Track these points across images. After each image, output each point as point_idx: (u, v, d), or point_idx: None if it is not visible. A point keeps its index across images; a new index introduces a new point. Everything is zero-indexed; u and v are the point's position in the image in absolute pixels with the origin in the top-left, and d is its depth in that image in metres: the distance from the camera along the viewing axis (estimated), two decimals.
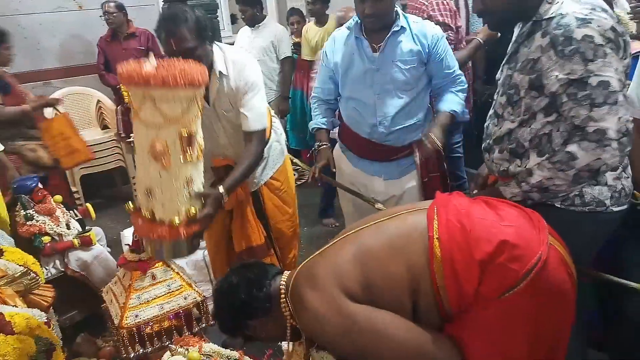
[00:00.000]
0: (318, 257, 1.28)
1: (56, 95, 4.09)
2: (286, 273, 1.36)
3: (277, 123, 2.19)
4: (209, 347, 1.50)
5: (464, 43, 2.69)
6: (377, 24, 1.90)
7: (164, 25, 1.69)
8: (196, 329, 1.84)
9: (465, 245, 1.15)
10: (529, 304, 1.12)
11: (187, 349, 1.40)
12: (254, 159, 1.84)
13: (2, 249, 1.92)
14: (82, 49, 4.26)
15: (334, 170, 2.09)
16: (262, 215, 2.12)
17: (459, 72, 2.03)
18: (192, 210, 1.44)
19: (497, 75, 1.55)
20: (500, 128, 1.48)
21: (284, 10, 5.14)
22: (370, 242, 1.23)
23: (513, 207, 1.27)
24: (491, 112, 1.56)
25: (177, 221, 1.40)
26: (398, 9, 1.93)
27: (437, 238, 1.17)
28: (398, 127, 1.99)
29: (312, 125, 2.17)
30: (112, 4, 3.85)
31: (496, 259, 1.12)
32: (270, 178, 2.11)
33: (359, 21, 1.96)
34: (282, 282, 1.31)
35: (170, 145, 1.35)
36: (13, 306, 1.59)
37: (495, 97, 1.54)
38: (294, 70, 3.97)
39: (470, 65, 2.90)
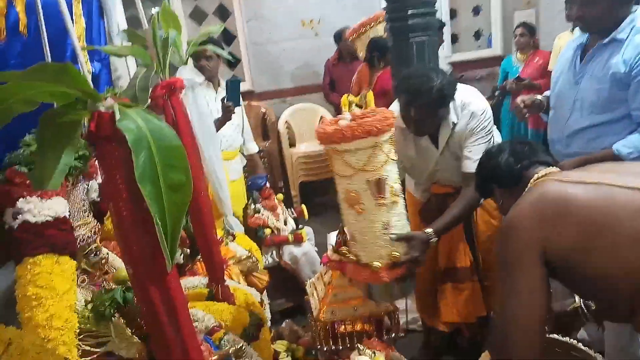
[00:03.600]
0: (564, 185, 1.15)
1: (288, 110, 4.73)
2: (549, 169, 1.26)
3: (498, 138, 2.09)
4: (396, 356, 1.50)
5: None
6: (586, 29, 1.69)
7: (406, 94, 1.72)
8: (385, 337, 1.86)
9: None
10: None
11: (374, 352, 1.43)
12: (470, 204, 1.77)
13: (234, 234, 2.29)
14: (312, 71, 4.79)
15: None
16: (470, 237, 2.05)
17: None
18: (395, 253, 1.47)
19: None
20: None
21: (509, 26, 4.87)
22: (621, 216, 1.04)
23: None
24: None
25: (377, 265, 1.46)
26: (636, 15, 1.63)
27: None
28: (575, 151, 1.71)
29: None
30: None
31: None
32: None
33: None
34: (536, 175, 1.25)
35: (362, 192, 1.43)
36: (237, 282, 1.88)
37: None
38: None
39: None
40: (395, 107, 1.89)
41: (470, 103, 1.81)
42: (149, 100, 1.28)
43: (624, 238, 1.02)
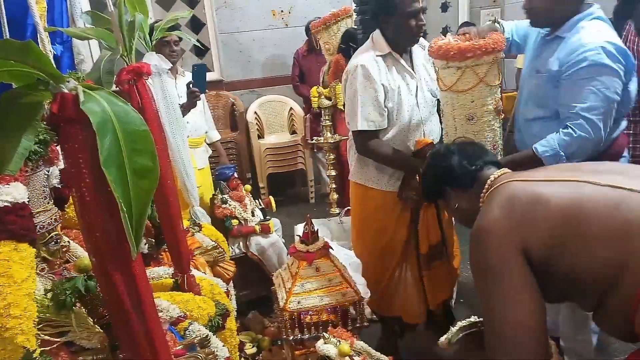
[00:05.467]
0: (531, 185, 1.15)
1: (257, 101, 4.69)
2: (502, 171, 1.29)
3: None
4: (361, 345, 1.52)
5: None
6: (534, 21, 1.75)
7: None
8: (350, 327, 1.88)
9: None
10: None
11: (340, 341, 1.45)
12: None
13: (201, 225, 2.27)
14: (282, 62, 4.77)
15: None
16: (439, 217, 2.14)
17: (589, 116, 1.58)
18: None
19: None
20: None
21: (476, 23, 4.97)
22: (593, 212, 1.04)
23: None
24: None
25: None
26: (585, 14, 1.67)
27: None
28: (526, 141, 1.81)
29: None
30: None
31: None
32: None
33: None
34: (492, 176, 1.26)
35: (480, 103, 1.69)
36: (202, 273, 1.87)
37: None
38: None
39: None
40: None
41: None
42: (114, 86, 1.25)
43: (594, 233, 1.02)
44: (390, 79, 1.92)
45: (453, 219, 2.06)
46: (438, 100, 2.09)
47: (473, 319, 1.37)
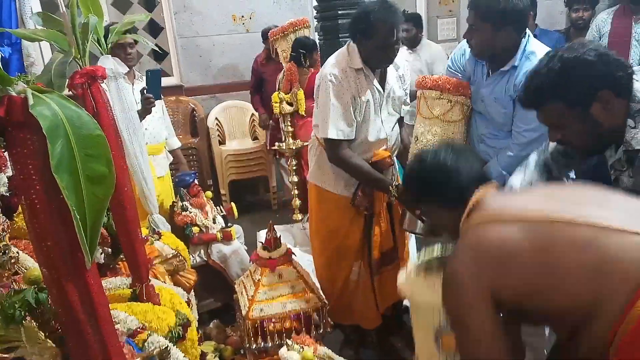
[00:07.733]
0: (503, 228, 1.10)
1: (218, 107, 4.63)
2: (482, 192, 1.19)
3: None
4: (324, 350, 1.52)
5: None
6: (475, 54, 1.83)
7: (395, 15, 1.85)
8: (314, 333, 1.88)
9: None
10: None
11: (303, 347, 1.44)
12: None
13: (161, 233, 2.21)
14: (243, 67, 4.73)
15: None
16: (392, 220, 2.20)
17: (532, 135, 1.72)
18: None
19: None
20: None
21: (432, 33, 5.12)
22: (566, 254, 1.02)
23: None
24: None
25: None
26: (530, 45, 1.75)
27: None
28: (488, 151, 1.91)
29: None
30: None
31: None
32: None
33: None
34: (472, 200, 1.17)
35: (459, 135, 1.90)
36: (162, 282, 1.81)
37: None
38: None
39: None
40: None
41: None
42: (67, 90, 1.20)
43: (565, 274, 1.01)
44: (360, 92, 1.95)
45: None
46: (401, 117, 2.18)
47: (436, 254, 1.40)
